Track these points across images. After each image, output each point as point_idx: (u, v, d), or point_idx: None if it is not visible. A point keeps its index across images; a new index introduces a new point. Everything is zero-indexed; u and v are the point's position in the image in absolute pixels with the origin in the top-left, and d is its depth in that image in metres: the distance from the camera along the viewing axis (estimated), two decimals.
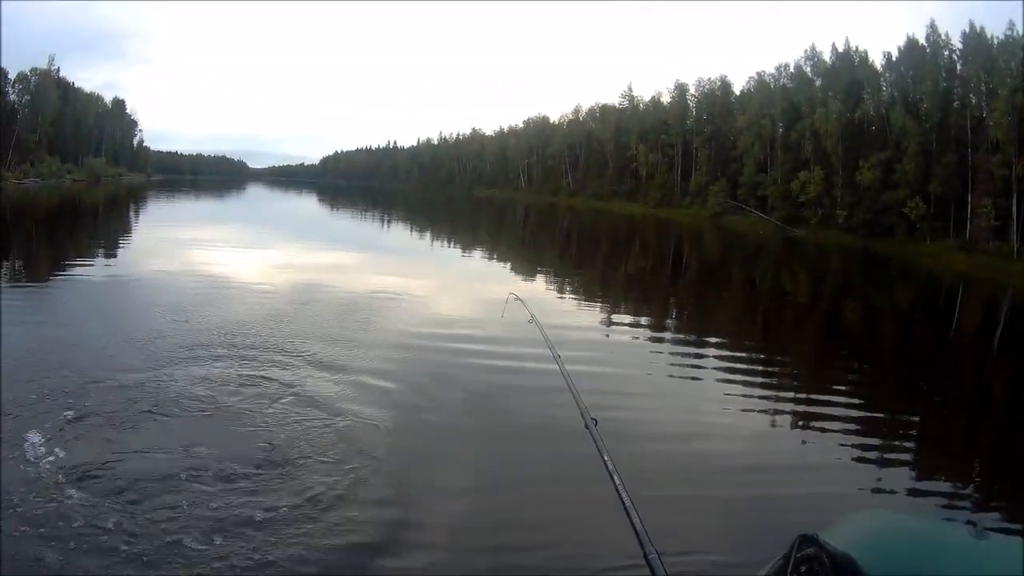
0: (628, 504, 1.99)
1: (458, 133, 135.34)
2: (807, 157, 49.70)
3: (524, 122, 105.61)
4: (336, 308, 12.03)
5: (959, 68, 41.87)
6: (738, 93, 64.56)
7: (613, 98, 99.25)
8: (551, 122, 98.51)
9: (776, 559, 1.90)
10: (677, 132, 67.45)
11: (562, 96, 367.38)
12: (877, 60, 48.90)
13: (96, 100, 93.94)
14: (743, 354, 11.38)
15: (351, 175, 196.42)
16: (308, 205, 63.55)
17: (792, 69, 55.87)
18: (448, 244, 31.32)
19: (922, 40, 44.20)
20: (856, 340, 14.19)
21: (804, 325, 15.80)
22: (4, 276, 14.60)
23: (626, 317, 14.21)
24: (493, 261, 24.17)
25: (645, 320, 13.93)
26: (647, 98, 77.42)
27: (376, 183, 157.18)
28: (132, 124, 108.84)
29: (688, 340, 12.50)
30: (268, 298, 12.64)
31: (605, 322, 13.33)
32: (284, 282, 14.72)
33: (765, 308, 17.94)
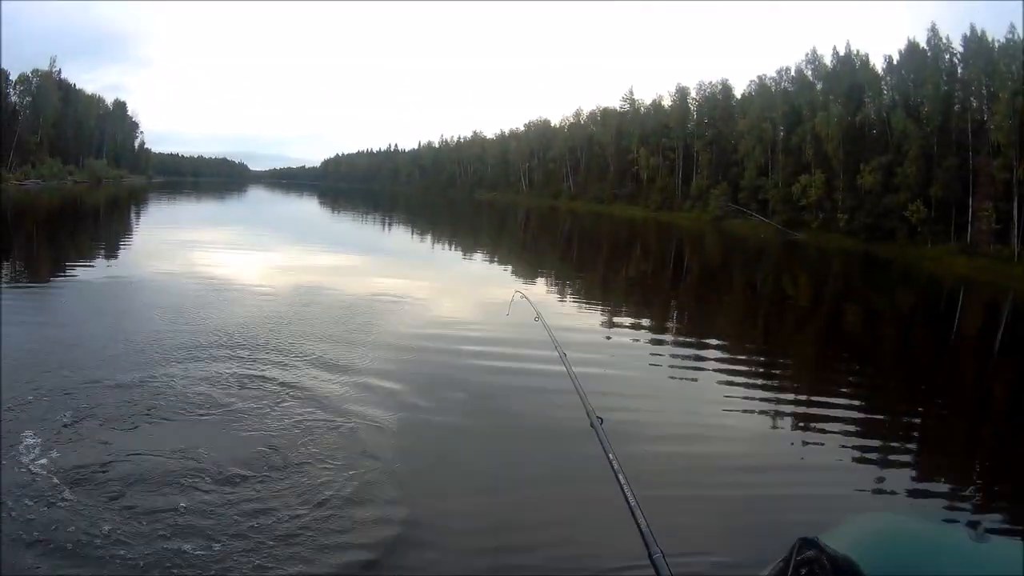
0: (633, 504, 1.99)
1: (459, 136, 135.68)
2: (808, 161, 49.72)
3: (525, 125, 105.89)
4: (338, 310, 12.02)
5: (960, 71, 41.91)
6: (739, 96, 64.72)
7: (614, 101, 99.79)
8: (552, 125, 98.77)
9: (776, 561, 1.90)
10: (678, 135, 67.50)
11: (563, 99, 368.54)
12: (878, 63, 49.12)
13: (97, 102, 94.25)
14: (744, 356, 11.38)
15: (352, 178, 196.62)
16: (309, 208, 63.55)
17: (793, 72, 56.04)
18: (450, 247, 31.32)
19: (923, 43, 44.33)
20: (857, 343, 14.18)
21: (805, 328, 15.78)
22: (5, 277, 14.60)
23: (627, 319, 14.19)
24: (495, 264, 24.17)
25: (646, 322, 13.91)
26: (648, 101, 77.79)
27: (377, 186, 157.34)
28: (133, 126, 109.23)
29: (689, 342, 12.49)
30: (269, 300, 12.63)
31: (607, 324, 13.32)
32: (285, 284, 14.71)
33: (766, 311, 17.93)
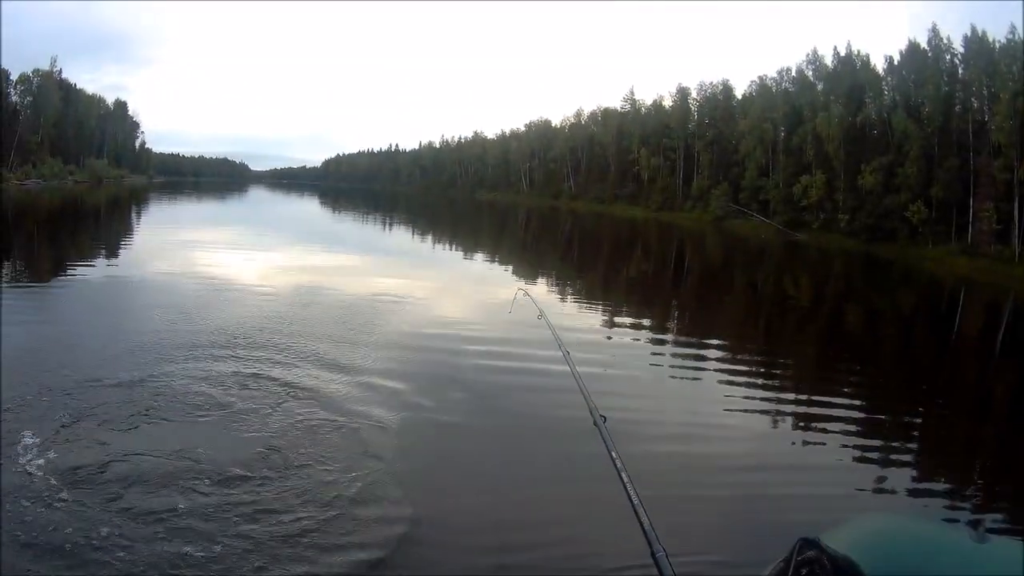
0: (636, 502, 1.99)
1: (460, 136, 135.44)
2: (809, 161, 49.71)
3: (526, 125, 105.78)
4: (339, 310, 12.02)
5: (961, 72, 41.91)
6: (740, 97, 64.72)
7: (615, 101, 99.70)
8: (553, 125, 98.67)
9: (777, 562, 1.89)
10: (679, 136, 67.44)
11: (564, 99, 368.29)
12: (879, 64, 49.13)
13: (98, 102, 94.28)
14: (745, 356, 11.38)
15: (353, 178, 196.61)
16: (310, 208, 63.55)
17: (794, 73, 56.04)
18: (451, 247, 31.31)
19: (924, 44, 44.34)
20: (858, 343, 14.17)
21: (806, 328, 15.78)
22: (5, 276, 14.60)
23: (629, 319, 14.19)
24: (496, 264, 24.15)
25: (648, 322, 13.91)
26: (649, 101, 77.72)
27: (378, 186, 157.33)
28: (134, 126, 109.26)
29: (690, 342, 12.49)
30: (270, 300, 12.62)
31: (608, 324, 13.31)
32: (286, 284, 14.70)
33: (767, 311, 17.93)
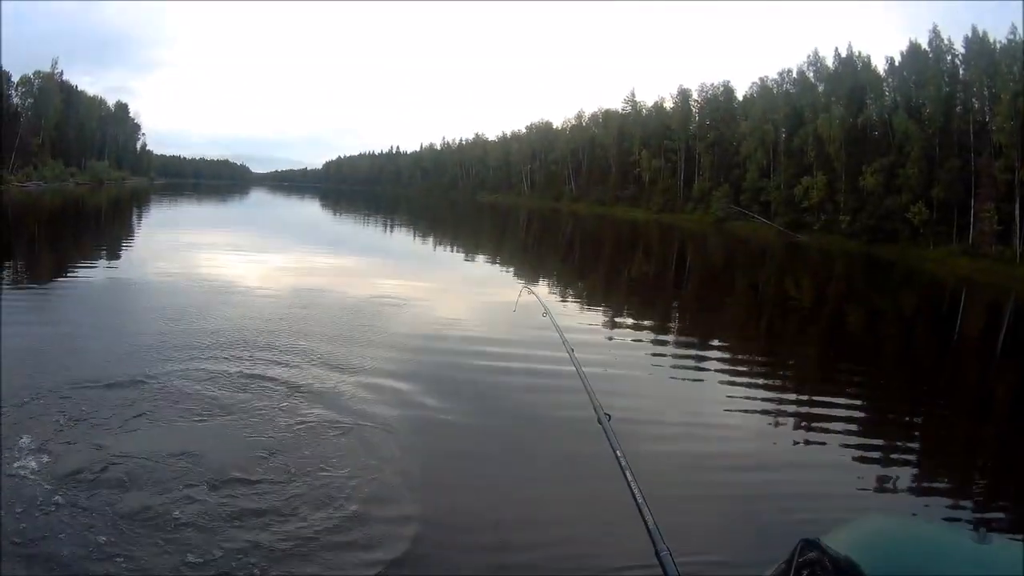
0: (640, 501, 1.98)
1: (461, 138, 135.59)
2: (810, 162, 49.73)
3: (527, 127, 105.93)
4: (341, 311, 12.00)
5: (962, 73, 41.94)
6: (741, 98, 64.86)
7: (616, 103, 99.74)
8: (554, 127, 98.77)
9: (779, 563, 1.89)
10: (680, 137, 67.49)
11: (565, 101, 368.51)
12: (880, 65, 49.22)
13: (99, 104, 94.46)
14: (747, 356, 11.39)
15: (354, 180, 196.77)
16: (311, 210, 63.60)
17: (795, 74, 56.19)
18: (452, 249, 31.31)
19: (925, 45, 44.39)
20: (859, 344, 14.15)
21: (807, 329, 15.76)
22: (6, 278, 14.60)
23: (630, 320, 14.17)
24: (498, 266, 24.13)
25: (649, 323, 13.88)
26: (650, 103, 77.85)
27: (379, 188, 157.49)
28: (135, 128, 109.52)
29: (692, 343, 12.50)
30: (271, 302, 12.60)
31: (609, 325, 13.31)
32: (287, 286, 14.71)
33: (769, 312, 17.92)
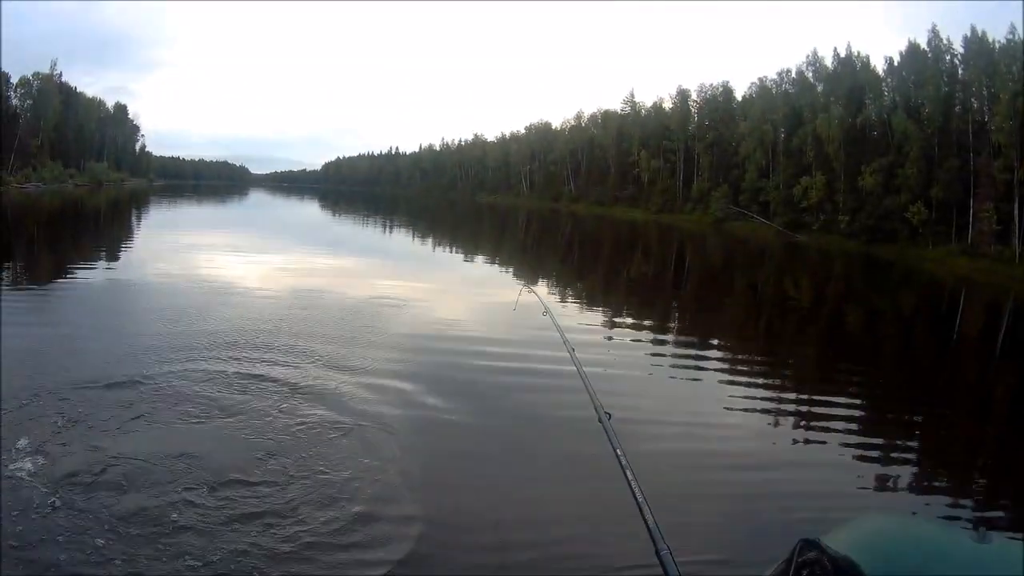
0: (640, 500, 1.97)
1: (460, 139, 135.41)
2: (809, 162, 49.73)
3: (526, 128, 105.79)
4: (341, 312, 11.98)
5: (961, 72, 41.93)
6: (740, 98, 64.79)
7: (615, 103, 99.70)
8: (553, 128, 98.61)
9: (778, 563, 1.88)
10: (679, 138, 67.44)
11: (564, 101, 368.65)
12: (879, 65, 49.20)
13: (98, 105, 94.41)
14: (746, 356, 11.39)
15: (353, 181, 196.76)
16: (310, 211, 63.61)
17: (794, 74, 56.13)
18: (452, 250, 31.31)
19: (924, 45, 44.36)
20: (858, 344, 14.15)
21: (807, 329, 15.76)
22: (5, 279, 14.59)
23: (630, 320, 14.18)
24: (498, 267, 24.14)
25: (649, 323, 13.89)
26: (649, 103, 77.74)
27: (378, 189, 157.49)
28: (134, 129, 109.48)
29: (691, 343, 12.50)
30: (271, 303, 12.59)
31: (608, 325, 13.30)
32: (287, 287, 14.69)
33: (768, 312, 17.92)
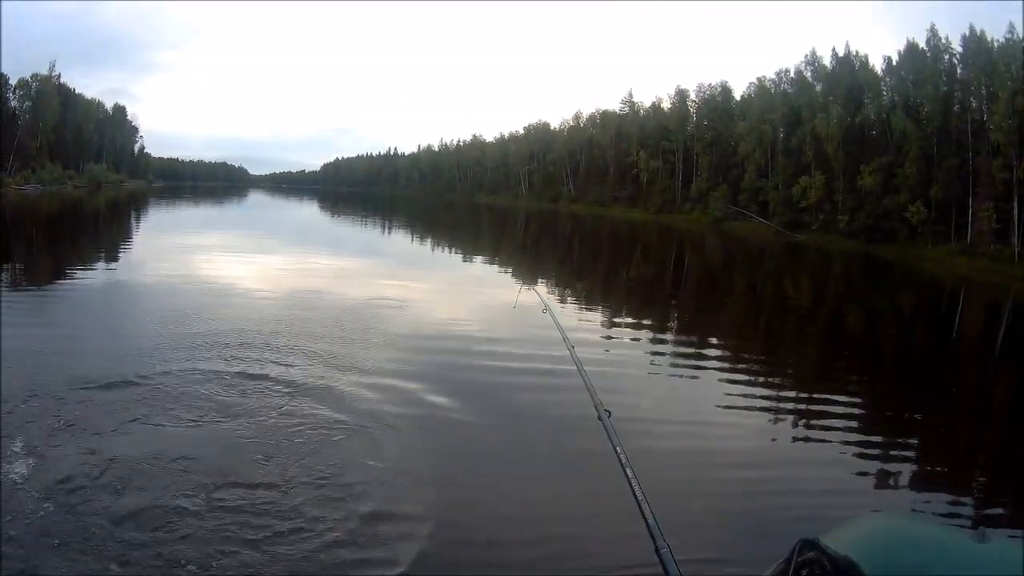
0: (641, 497, 1.96)
1: (459, 139, 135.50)
2: (808, 162, 49.74)
3: (525, 128, 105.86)
4: (340, 313, 11.95)
5: (959, 72, 41.91)
6: (738, 98, 64.75)
7: (613, 103, 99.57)
8: (552, 128, 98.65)
9: (777, 563, 1.87)
10: (678, 138, 67.43)
11: (562, 102, 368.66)
12: (877, 64, 49.18)
13: (97, 106, 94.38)
14: (746, 355, 11.37)
15: (352, 181, 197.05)
16: (309, 212, 63.59)
17: (792, 74, 56.10)
18: (451, 251, 31.30)
19: (922, 44, 44.32)
20: (858, 344, 14.14)
21: (806, 329, 15.75)
22: (5, 281, 14.56)
23: (629, 320, 14.18)
24: (496, 267, 24.12)
25: (648, 323, 13.89)
26: (648, 104, 77.68)
27: (377, 190, 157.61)
28: (133, 131, 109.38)
29: (691, 342, 12.50)
30: (271, 304, 12.57)
31: (608, 324, 13.30)
32: (287, 288, 14.67)
33: (767, 312, 17.92)
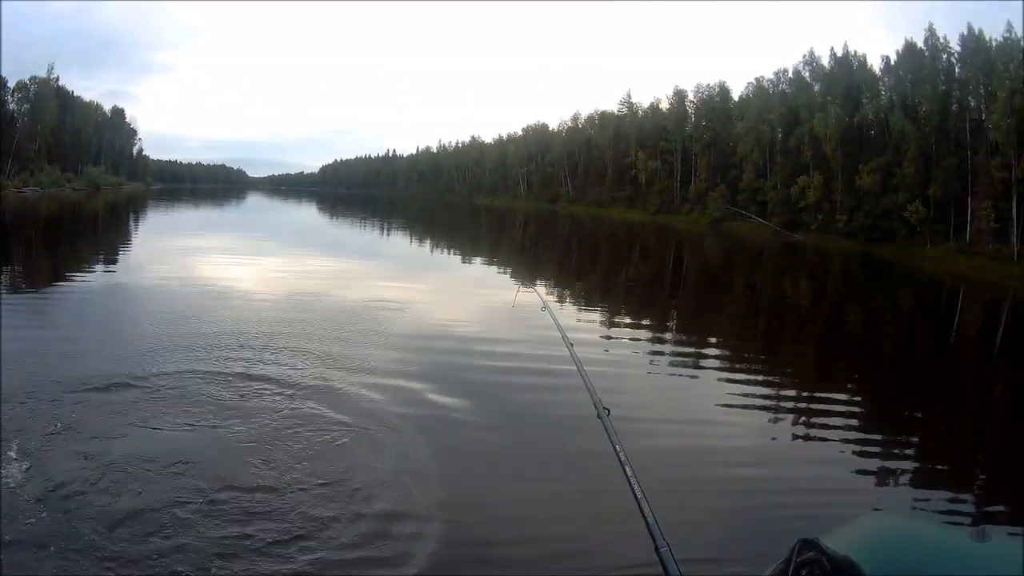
0: (640, 496, 1.95)
1: (457, 141, 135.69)
2: (806, 162, 49.79)
3: (523, 129, 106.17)
4: (339, 315, 11.91)
5: (958, 71, 41.95)
6: (737, 99, 64.91)
7: (612, 104, 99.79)
8: (550, 129, 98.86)
9: (776, 563, 1.86)
10: (676, 138, 67.52)
11: (561, 103, 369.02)
12: (876, 64, 49.34)
13: (95, 109, 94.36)
14: (745, 355, 11.37)
15: (351, 183, 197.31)
16: (308, 214, 63.54)
17: (791, 74, 56.24)
18: (450, 252, 31.30)
19: (920, 44, 44.39)
20: (857, 343, 14.14)
21: (805, 328, 15.75)
22: (4, 283, 14.54)
23: (628, 320, 14.17)
24: (495, 268, 24.10)
25: (647, 322, 13.89)
26: (646, 104, 77.88)
27: (376, 191, 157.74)
28: (131, 133, 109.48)
29: (690, 341, 12.50)
30: (270, 306, 12.53)
31: (607, 324, 13.30)
32: (286, 290, 14.63)
33: (766, 311, 17.92)
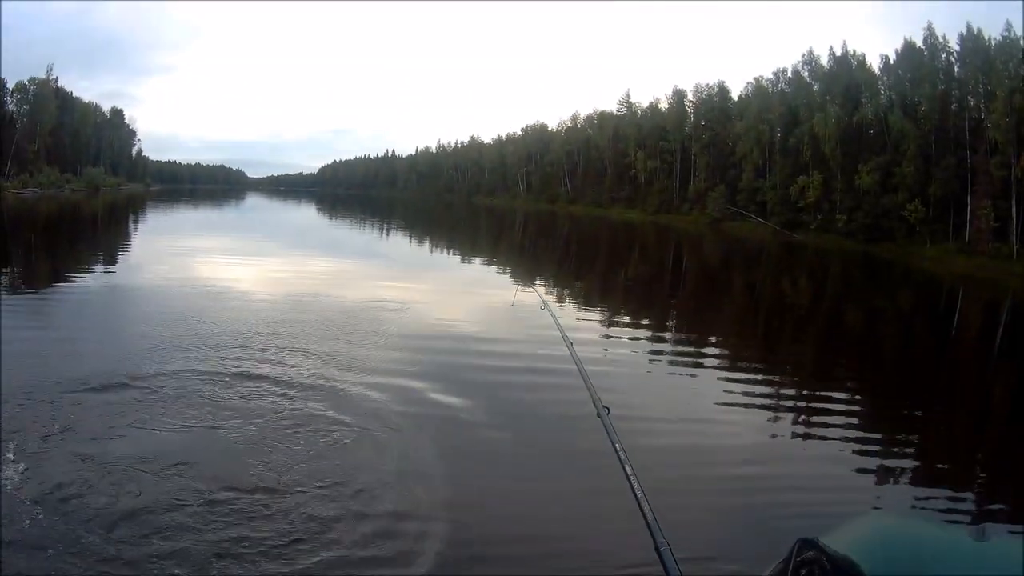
0: (640, 494, 1.95)
1: (456, 141, 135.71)
2: (806, 162, 49.81)
3: (522, 130, 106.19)
4: (339, 315, 11.90)
5: (957, 70, 41.99)
6: (736, 98, 64.85)
7: (611, 104, 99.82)
8: (549, 129, 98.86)
9: (776, 562, 1.86)
10: (675, 138, 67.54)
11: (560, 103, 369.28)
12: (875, 63, 49.38)
13: (94, 110, 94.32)
14: (745, 355, 11.37)
15: (350, 184, 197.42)
16: (307, 214, 63.56)
17: (790, 73, 56.27)
18: (449, 252, 31.31)
19: (919, 43, 44.45)
20: (857, 343, 14.14)
21: (805, 328, 15.75)
22: (3, 284, 14.53)
23: (627, 319, 14.17)
24: (495, 268, 24.10)
25: (647, 322, 13.88)
26: (645, 104, 77.83)
27: (375, 192, 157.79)
28: (131, 134, 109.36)
29: (690, 340, 12.50)
30: (269, 306, 12.52)
31: (606, 324, 13.29)
32: (285, 291, 14.62)
33: (766, 311, 17.92)
